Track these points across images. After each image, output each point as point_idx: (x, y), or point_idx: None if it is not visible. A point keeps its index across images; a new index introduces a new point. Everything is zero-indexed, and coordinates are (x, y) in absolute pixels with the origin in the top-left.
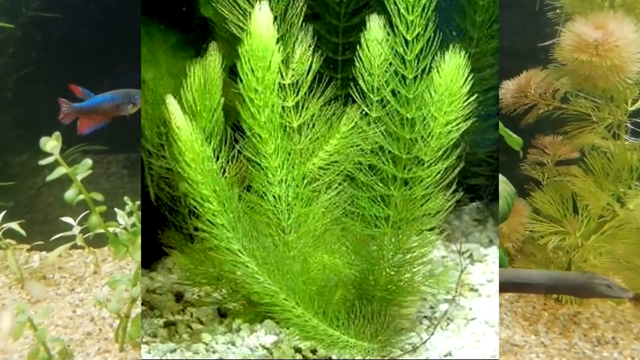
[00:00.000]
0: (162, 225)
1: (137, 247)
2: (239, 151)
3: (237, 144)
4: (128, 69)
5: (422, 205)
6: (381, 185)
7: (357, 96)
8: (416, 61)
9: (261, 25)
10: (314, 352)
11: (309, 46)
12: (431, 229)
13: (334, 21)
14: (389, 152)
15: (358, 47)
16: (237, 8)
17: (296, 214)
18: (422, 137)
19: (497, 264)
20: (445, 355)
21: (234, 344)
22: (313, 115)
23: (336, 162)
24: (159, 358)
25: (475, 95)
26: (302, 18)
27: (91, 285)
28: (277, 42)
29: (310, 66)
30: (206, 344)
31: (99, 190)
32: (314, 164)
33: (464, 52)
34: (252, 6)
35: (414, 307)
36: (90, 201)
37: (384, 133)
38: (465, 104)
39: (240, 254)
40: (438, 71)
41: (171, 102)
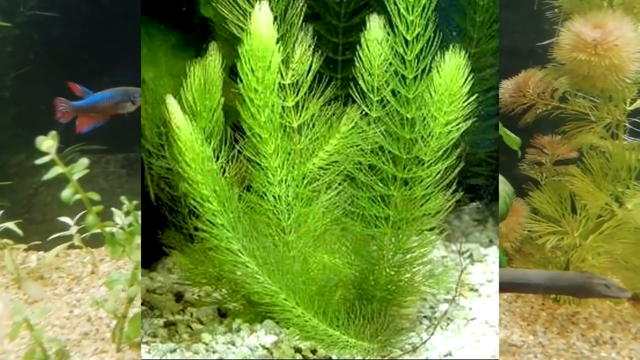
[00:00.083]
0: (162, 225)
1: (134, 247)
2: (239, 151)
3: (237, 144)
4: (127, 68)
5: (422, 205)
6: (381, 185)
7: (357, 96)
8: (416, 61)
9: (261, 25)
10: (314, 352)
11: (309, 46)
12: (431, 229)
13: (334, 21)
14: (389, 152)
15: (358, 47)
16: (237, 8)
17: (296, 214)
18: (422, 137)
19: (497, 264)
20: (445, 355)
21: (234, 344)
22: (313, 115)
23: (336, 162)
24: (158, 358)
25: (475, 95)
26: (302, 18)
27: (88, 285)
28: (277, 42)
29: (310, 66)
30: (206, 344)
31: (97, 189)
32: (314, 164)
33: (464, 52)
34: (252, 6)
35: (414, 307)
36: (87, 201)
37: (384, 133)
38: (465, 104)
39: (240, 254)
40: (438, 71)
41: (171, 102)
